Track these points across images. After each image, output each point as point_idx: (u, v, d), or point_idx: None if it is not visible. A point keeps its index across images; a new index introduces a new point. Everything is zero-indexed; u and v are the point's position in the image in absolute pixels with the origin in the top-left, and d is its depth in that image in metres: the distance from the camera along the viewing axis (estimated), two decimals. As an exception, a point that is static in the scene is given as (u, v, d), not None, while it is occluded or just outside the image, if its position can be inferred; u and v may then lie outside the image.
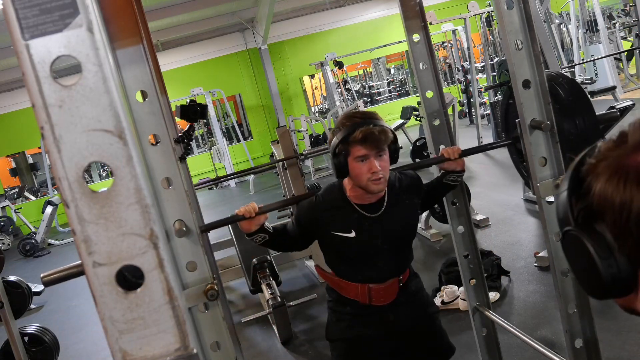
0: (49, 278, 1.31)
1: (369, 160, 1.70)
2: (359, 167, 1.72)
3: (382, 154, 1.72)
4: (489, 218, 5.13)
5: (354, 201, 1.83)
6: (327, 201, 1.86)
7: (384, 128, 1.71)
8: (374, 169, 1.70)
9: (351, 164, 1.73)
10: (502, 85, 5.86)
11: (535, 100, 1.61)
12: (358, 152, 1.70)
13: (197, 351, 1.07)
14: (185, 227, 1.01)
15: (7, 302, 3.27)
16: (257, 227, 1.74)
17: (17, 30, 0.62)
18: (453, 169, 1.90)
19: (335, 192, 1.87)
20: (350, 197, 1.83)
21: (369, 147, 1.69)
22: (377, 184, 1.73)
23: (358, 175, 1.73)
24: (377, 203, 1.84)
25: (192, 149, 13.75)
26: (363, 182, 1.73)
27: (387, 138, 1.72)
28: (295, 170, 4.64)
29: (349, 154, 1.73)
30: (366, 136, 1.68)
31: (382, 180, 1.74)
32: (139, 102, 0.95)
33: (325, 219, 1.83)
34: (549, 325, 3.10)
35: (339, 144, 1.72)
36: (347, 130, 1.71)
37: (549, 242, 1.71)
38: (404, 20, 2.09)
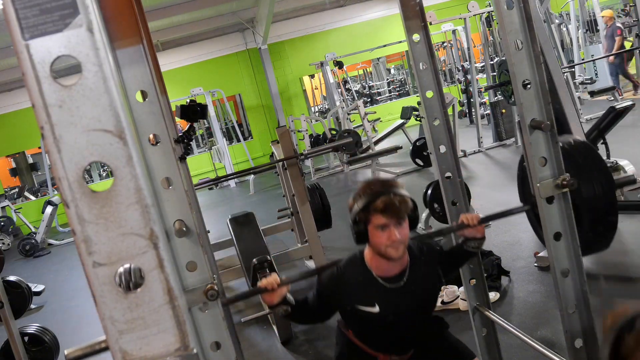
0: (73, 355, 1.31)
1: (389, 229, 1.71)
2: (378, 235, 1.73)
3: (402, 222, 1.73)
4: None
5: (376, 273, 1.83)
6: (349, 274, 1.86)
7: (404, 198, 1.73)
8: (393, 238, 1.71)
9: (371, 231, 1.74)
10: (502, 85, 5.85)
11: (535, 100, 1.61)
12: (378, 221, 1.71)
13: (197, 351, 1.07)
14: (185, 227, 1.01)
15: (7, 302, 3.27)
16: (280, 299, 1.75)
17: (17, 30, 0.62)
18: (473, 236, 1.90)
19: (357, 264, 1.87)
20: (372, 269, 1.84)
21: (389, 217, 1.70)
22: (396, 251, 1.74)
23: (378, 243, 1.74)
24: (400, 274, 1.85)
25: (192, 149, 13.75)
26: (382, 249, 1.75)
27: (407, 208, 1.73)
28: (295, 170, 4.64)
29: (369, 222, 1.74)
30: (387, 206, 1.69)
31: (401, 247, 1.75)
32: (139, 102, 0.95)
33: (348, 293, 1.84)
34: (549, 325, 3.09)
35: (360, 212, 1.74)
36: (368, 199, 1.72)
37: (549, 242, 1.71)
38: (404, 20, 2.09)
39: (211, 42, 13.28)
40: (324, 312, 1.92)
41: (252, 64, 13.64)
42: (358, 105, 9.58)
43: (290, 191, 4.83)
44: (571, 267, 1.71)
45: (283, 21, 13.42)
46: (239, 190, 10.87)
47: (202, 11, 11.28)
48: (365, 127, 9.46)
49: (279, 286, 1.71)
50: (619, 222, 2.16)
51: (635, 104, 5.10)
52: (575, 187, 1.61)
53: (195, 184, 5.46)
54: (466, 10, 8.27)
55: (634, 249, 3.77)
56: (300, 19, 13.65)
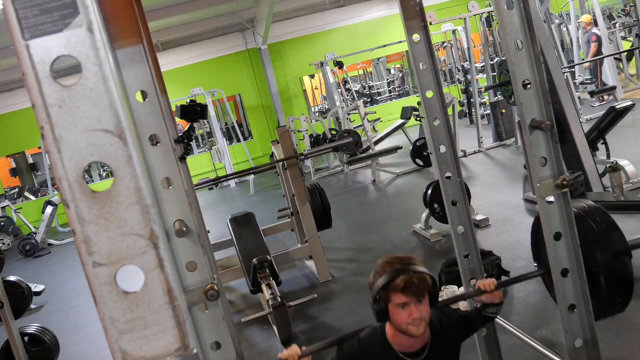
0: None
1: (409, 307, 1.72)
2: (399, 312, 1.74)
3: (422, 300, 1.75)
4: (489, 218, 5.13)
5: (397, 349, 1.84)
6: (371, 349, 1.87)
7: (423, 276, 1.74)
8: (414, 316, 1.72)
9: (391, 309, 1.76)
10: (502, 85, 5.85)
11: (535, 100, 1.61)
12: (398, 299, 1.73)
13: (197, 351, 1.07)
14: (185, 227, 1.01)
15: (7, 302, 3.27)
16: None
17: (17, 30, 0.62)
18: (491, 301, 1.91)
19: (378, 339, 1.87)
20: (393, 345, 1.84)
21: (409, 295, 1.72)
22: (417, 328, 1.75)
23: (399, 320, 1.75)
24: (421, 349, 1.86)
25: (192, 149, 13.75)
26: (403, 326, 1.76)
27: (426, 286, 1.74)
28: (295, 170, 4.64)
29: (389, 301, 1.75)
30: (407, 285, 1.70)
31: (423, 324, 1.76)
32: (139, 102, 0.95)
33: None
34: (549, 325, 3.09)
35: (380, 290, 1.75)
36: (388, 278, 1.73)
37: (549, 242, 1.71)
38: (404, 20, 2.09)
39: (211, 42, 13.29)
40: None
41: (252, 64, 13.64)
42: (358, 105, 9.58)
43: (290, 191, 4.83)
44: (571, 267, 1.71)
45: (283, 21, 13.42)
46: (239, 190, 10.87)
47: (202, 11, 11.28)
48: (365, 127, 9.46)
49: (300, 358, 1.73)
50: (620, 223, 2.16)
51: (635, 104, 5.10)
52: (575, 187, 1.61)
53: (195, 184, 5.46)
54: (466, 10, 8.27)
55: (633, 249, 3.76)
56: (300, 19, 13.65)
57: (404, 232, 5.50)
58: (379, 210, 6.71)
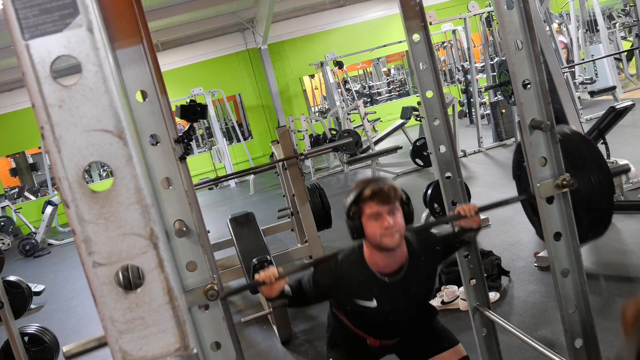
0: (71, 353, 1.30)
1: (382, 217, 1.73)
2: (372, 224, 1.74)
3: (394, 210, 1.74)
4: (489, 218, 5.13)
5: (374, 269, 1.84)
6: (348, 269, 1.86)
7: (393, 186, 1.75)
8: (386, 224, 1.72)
9: (365, 223, 1.75)
10: (502, 85, 5.85)
11: (535, 100, 1.61)
12: (370, 209, 1.73)
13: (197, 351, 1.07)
14: (185, 227, 1.01)
15: (7, 302, 3.27)
16: (278, 292, 1.76)
17: (17, 30, 0.62)
18: (470, 226, 1.91)
19: (355, 259, 1.87)
20: (370, 265, 1.84)
21: (380, 203, 1.72)
22: (391, 239, 1.74)
23: (372, 233, 1.75)
24: (398, 269, 1.85)
25: (192, 149, 13.74)
26: (377, 238, 1.75)
27: (396, 194, 1.75)
28: (295, 170, 4.64)
29: (362, 214, 1.75)
30: (375, 192, 1.71)
31: (397, 235, 1.75)
32: (139, 102, 0.95)
33: (346, 288, 1.85)
34: (549, 325, 3.09)
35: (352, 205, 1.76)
36: (358, 191, 1.75)
37: (549, 242, 1.71)
38: (404, 20, 2.09)
39: (211, 42, 13.28)
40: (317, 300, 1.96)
41: (252, 64, 13.64)
42: (358, 105, 9.58)
43: (290, 191, 4.83)
44: (571, 267, 1.71)
45: (283, 21, 13.42)
46: (239, 190, 10.87)
47: (202, 11, 11.28)
48: (365, 127, 9.46)
49: (276, 279, 1.72)
50: (620, 222, 2.17)
51: (635, 104, 5.10)
52: (575, 187, 1.62)
53: (195, 184, 5.46)
54: (466, 10, 8.27)
55: (634, 249, 3.77)
56: (300, 19, 13.64)
57: (404, 232, 5.50)
58: (379, 210, 6.70)
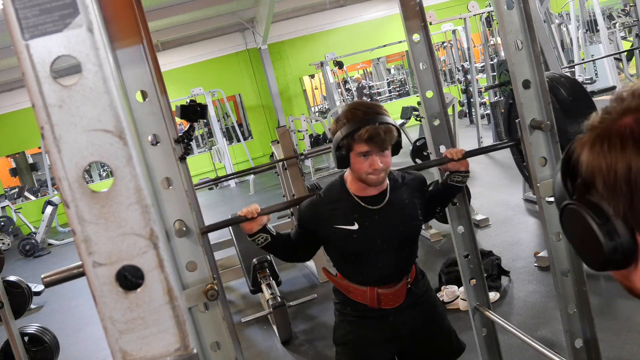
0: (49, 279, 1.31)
1: (371, 157, 1.71)
2: (360, 161, 1.73)
3: (384, 151, 1.73)
4: (489, 218, 5.13)
5: (355, 193, 1.83)
6: (329, 197, 1.87)
7: (389, 127, 1.71)
8: (375, 166, 1.71)
9: (353, 158, 1.74)
10: (502, 85, 5.85)
11: (535, 100, 1.61)
12: (361, 148, 1.71)
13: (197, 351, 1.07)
14: (185, 227, 1.01)
15: (7, 302, 3.27)
16: (259, 227, 1.74)
17: (17, 30, 0.62)
18: (457, 169, 1.89)
19: (336, 187, 1.88)
20: (351, 190, 1.84)
21: (373, 146, 1.70)
22: (376, 177, 1.74)
23: (359, 169, 1.74)
24: (379, 196, 1.84)
25: (192, 149, 13.74)
26: (363, 175, 1.75)
27: (392, 137, 1.72)
28: (295, 170, 4.64)
29: (351, 149, 1.73)
30: (372, 136, 1.68)
31: (382, 175, 1.75)
32: (139, 102, 0.95)
33: (327, 214, 1.83)
34: (549, 325, 3.10)
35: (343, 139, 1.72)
36: (353, 127, 1.70)
37: (549, 242, 1.71)
38: (404, 20, 2.09)
39: (211, 42, 13.28)
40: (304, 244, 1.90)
41: (252, 64, 13.64)
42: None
43: (290, 191, 4.83)
44: (571, 267, 1.71)
45: (283, 21, 13.41)
46: (239, 190, 10.87)
47: (202, 11, 11.27)
48: (365, 127, 9.45)
49: (259, 215, 1.71)
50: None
51: (635, 104, 5.08)
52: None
53: (195, 184, 5.45)
54: (466, 10, 8.26)
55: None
56: (300, 19, 13.64)
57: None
58: (379, 210, 6.70)
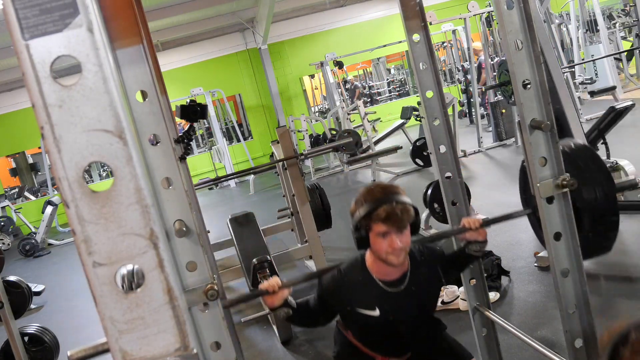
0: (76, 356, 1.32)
1: (390, 237, 1.72)
2: (379, 242, 1.73)
3: (403, 230, 1.74)
4: (488, 218, 5.12)
5: (376, 276, 1.84)
6: (350, 277, 1.86)
7: (406, 206, 1.72)
8: (394, 245, 1.71)
9: (372, 238, 1.75)
10: (502, 85, 5.85)
11: (535, 100, 1.60)
12: (380, 228, 1.72)
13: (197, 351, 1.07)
14: (185, 227, 1.00)
15: (7, 302, 3.27)
16: (281, 302, 1.74)
17: (17, 30, 0.62)
18: (475, 239, 1.90)
19: (358, 267, 1.87)
20: (373, 273, 1.84)
21: (391, 225, 1.71)
22: (397, 257, 1.75)
23: (379, 249, 1.75)
24: (401, 278, 1.85)
25: (192, 149, 13.75)
26: (383, 255, 1.75)
27: (409, 216, 1.73)
28: (295, 170, 4.63)
29: (370, 230, 1.74)
30: (389, 216, 1.69)
31: (402, 254, 1.76)
32: (139, 102, 0.95)
33: (349, 297, 1.84)
34: (549, 325, 3.09)
35: (362, 219, 1.74)
36: (370, 207, 1.72)
37: (549, 242, 1.71)
38: (404, 20, 2.09)
39: (211, 42, 13.28)
40: (324, 315, 1.92)
41: (252, 64, 13.64)
42: (358, 105, 9.58)
43: (290, 191, 4.83)
44: (571, 267, 1.71)
45: (283, 21, 13.41)
46: (239, 190, 10.87)
47: (202, 11, 11.27)
48: (365, 127, 9.46)
49: (280, 288, 1.71)
50: (620, 223, 2.17)
51: (635, 104, 5.10)
52: (575, 187, 1.61)
53: (195, 184, 5.46)
54: (466, 10, 8.27)
55: (634, 249, 3.77)
56: (300, 19, 13.64)
57: (404, 232, 5.49)
58: (379, 210, 6.70)
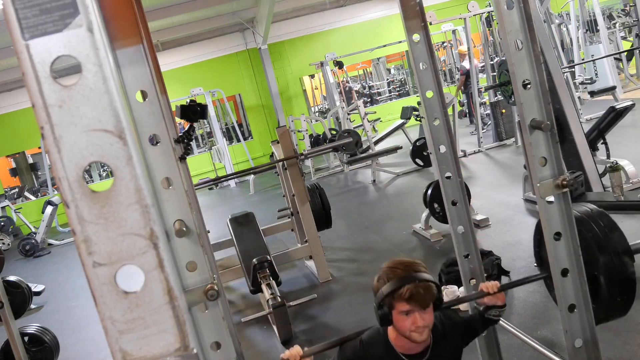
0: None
1: (413, 315, 1.72)
2: (402, 319, 1.73)
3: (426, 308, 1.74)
4: (489, 218, 5.13)
5: (399, 351, 1.84)
6: (373, 351, 1.86)
7: (429, 285, 1.73)
8: (417, 323, 1.72)
9: (395, 316, 1.75)
10: (502, 85, 5.85)
11: (535, 100, 1.61)
12: (403, 307, 1.72)
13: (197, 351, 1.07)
14: (185, 227, 1.00)
15: (7, 302, 3.27)
16: None
17: (17, 30, 0.62)
18: (494, 303, 1.91)
19: (380, 341, 1.87)
20: (395, 347, 1.85)
21: (414, 305, 1.71)
22: (420, 335, 1.75)
23: (402, 327, 1.75)
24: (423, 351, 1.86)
25: (192, 149, 13.74)
26: (406, 333, 1.75)
27: (432, 295, 1.73)
28: (295, 170, 4.64)
29: (393, 308, 1.74)
30: (412, 295, 1.69)
31: (426, 332, 1.76)
32: (139, 102, 0.95)
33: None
34: (549, 325, 3.09)
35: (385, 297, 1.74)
36: (394, 286, 1.72)
37: (549, 242, 1.71)
38: (404, 20, 2.09)
39: (211, 42, 13.28)
40: None
41: (252, 64, 13.64)
42: (358, 105, 9.58)
43: (290, 191, 4.83)
44: (571, 267, 1.71)
45: (283, 21, 13.42)
46: (239, 190, 10.87)
47: (202, 11, 11.28)
48: (365, 127, 9.46)
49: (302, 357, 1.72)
50: (620, 223, 2.17)
51: (635, 104, 5.10)
52: (575, 187, 1.61)
53: (195, 184, 5.46)
54: (466, 10, 8.27)
55: (634, 249, 3.76)
56: (300, 19, 13.64)
57: (404, 232, 5.50)
58: (379, 210, 6.71)
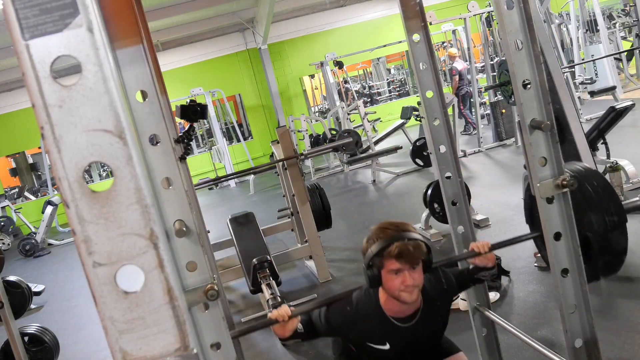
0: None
1: (403, 274, 1.71)
2: (392, 279, 1.73)
3: (415, 267, 1.74)
4: (489, 218, 5.13)
5: (389, 314, 1.84)
6: (362, 313, 1.87)
7: (418, 243, 1.72)
8: (407, 282, 1.71)
9: (384, 275, 1.74)
10: (502, 85, 5.85)
11: (535, 100, 1.60)
12: (392, 265, 1.71)
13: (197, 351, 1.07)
14: (185, 227, 1.00)
15: (7, 302, 3.27)
16: (291, 332, 1.75)
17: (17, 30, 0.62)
18: (484, 265, 1.91)
19: (370, 304, 1.87)
20: (385, 310, 1.85)
21: (403, 262, 1.70)
22: (409, 295, 1.75)
23: (391, 287, 1.75)
24: (413, 314, 1.87)
25: (192, 149, 13.74)
26: (396, 293, 1.75)
27: (421, 253, 1.73)
28: (295, 170, 4.64)
29: (382, 267, 1.74)
30: (401, 252, 1.69)
31: (415, 291, 1.75)
32: (139, 102, 0.94)
33: (360, 332, 1.85)
34: (549, 325, 3.10)
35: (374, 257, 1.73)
36: (382, 244, 1.71)
37: (549, 242, 1.71)
38: (404, 20, 2.09)
39: (211, 42, 13.28)
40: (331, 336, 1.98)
41: (252, 64, 13.64)
42: (358, 105, 9.58)
43: (290, 191, 4.83)
44: (571, 267, 1.71)
45: (283, 21, 13.42)
46: (239, 190, 10.87)
47: (202, 11, 11.28)
48: (365, 127, 9.46)
49: (290, 318, 1.71)
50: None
51: (635, 104, 5.10)
52: (575, 186, 1.62)
53: (195, 184, 5.46)
54: (466, 10, 8.27)
55: (634, 249, 3.77)
56: (300, 19, 13.64)
57: (404, 232, 5.49)
58: (379, 210, 6.71)
